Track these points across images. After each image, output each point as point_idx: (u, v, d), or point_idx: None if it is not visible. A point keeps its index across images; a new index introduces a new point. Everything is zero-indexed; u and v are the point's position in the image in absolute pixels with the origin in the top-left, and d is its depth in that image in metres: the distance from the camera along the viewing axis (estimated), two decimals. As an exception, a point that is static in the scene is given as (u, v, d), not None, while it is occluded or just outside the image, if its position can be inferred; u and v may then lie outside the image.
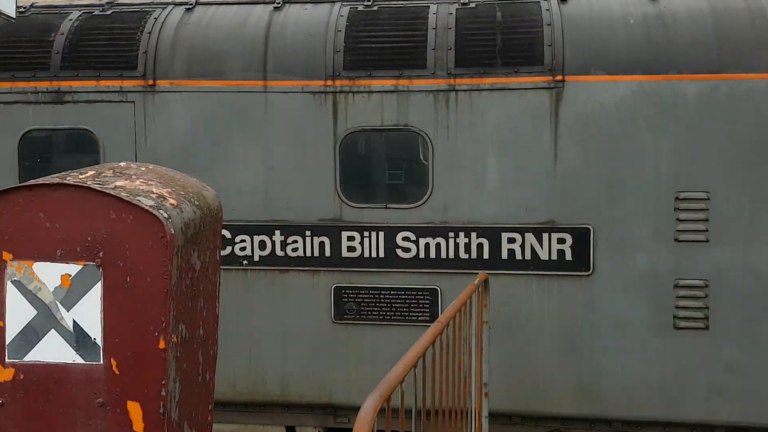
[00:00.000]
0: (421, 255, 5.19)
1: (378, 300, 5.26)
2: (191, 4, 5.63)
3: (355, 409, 5.08)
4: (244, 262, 5.35)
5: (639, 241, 5.02)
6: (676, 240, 4.98)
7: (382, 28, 5.29)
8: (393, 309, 5.24)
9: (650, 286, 5.02)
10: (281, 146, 5.28)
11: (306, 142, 5.25)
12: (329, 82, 5.21)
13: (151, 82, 5.34)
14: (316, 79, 5.23)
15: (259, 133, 5.29)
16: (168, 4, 5.70)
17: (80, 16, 5.61)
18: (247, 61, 5.30)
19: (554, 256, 5.08)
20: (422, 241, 5.18)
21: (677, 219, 4.97)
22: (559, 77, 5.01)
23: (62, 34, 5.50)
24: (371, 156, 5.34)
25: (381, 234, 5.22)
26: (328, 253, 5.28)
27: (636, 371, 5.06)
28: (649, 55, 4.98)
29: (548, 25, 5.12)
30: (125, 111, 5.38)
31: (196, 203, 2.62)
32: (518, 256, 5.11)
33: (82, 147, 5.48)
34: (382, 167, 5.36)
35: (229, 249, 5.35)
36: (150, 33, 5.44)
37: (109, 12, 5.64)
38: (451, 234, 5.15)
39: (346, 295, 5.29)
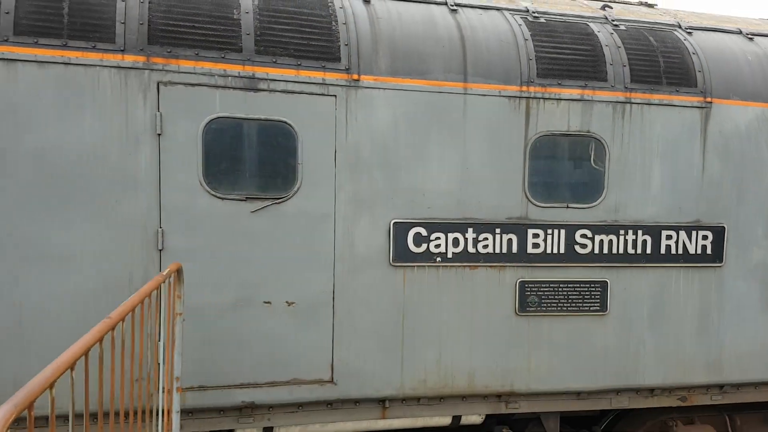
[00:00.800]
0: (596, 251, 6.03)
1: (557, 293, 5.99)
2: (367, -4, 5.77)
3: (533, 395, 5.79)
4: (438, 259, 5.71)
5: (756, 237, 6.41)
6: (781, 236, 6.47)
7: (564, 40, 5.98)
8: (569, 300, 6.02)
9: (761, 273, 6.44)
10: (476, 147, 5.73)
11: (499, 144, 5.77)
12: (524, 88, 5.78)
13: (355, 76, 5.42)
14: (512, 84, 5.77)
15: (456, 134, 5.67)
16: (340, -9, 5.76)
17: (254, -6, 5.43)
18: (448, 63, 5.64)
19: (699, 251, 6.26)
20: (597, 238, 6.03)
21: (782, 220, 6.46)
22: (709, 99, 6.18)
23: (247, 12, 5.30)
24: (555, 159, 6.00)
25: (562, 231, 5.95)
26: (514, 249, 5.87)
27: (747, 342, 6.47)
28: (766, 87, 6.35)
29: (694, 53, 6.25)
30: (326, 104, 5.39)
31: None
32: (673, 251, 6.20)
33: (278, 140, 5.36)
34: (564, 169, 6.05)
35: (424, 246, 5.68)
36: (346, 24, 5.50)
37: (283, -7, 5.54)
38: (622, 231, 6.07)
39: (529, 289, 5.93)
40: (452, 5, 5.98)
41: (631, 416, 6.96)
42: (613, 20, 6.37)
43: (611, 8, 6.74)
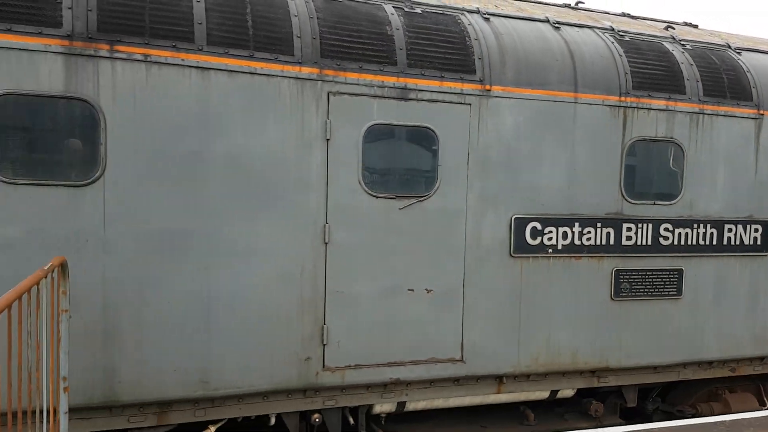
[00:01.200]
0: (675, 242, 7.08)
1: (644, 279, 7.00)
2: (486, 15, 6.55)
3: (621, 370, 6.78)
4: (550, 250, 6.59)
5: (794, 230, 7.66)
6: (812, 229, 7.73)
7: (649, 57, 6.97)
8: (653, 286, 7.04)
9: None
10: (582, 151, 6.64)
11: (601, 147, 6.71)
12: (622, 98, 6.73)
13: (487, 87, 6.22)
14: (613, 94, 6.71)
15: (566, 139, 6.57)
16: (461, 10, 6.52)
17: (396, 11, 6.12)
18: (562, 75, 6.52)
19: (751, 242, 7.42)
20: (676, 231, 7.08)
21: (813, 215, 7.72)
22: (761, 111, 7.34)
23: (398, 29, 5.99)
24: (645, 161, 6.98)
25: (650, 225, 6.96)
26: (611, 241, 6.83)
27: None
28: None
29: (748, 71, 7.38)
30: (462, 112, 6.16)
31: None
32: (732, 242, 7.34)
33: (422, 144, 6.09)
34: (652, 170, 7.05)
35: (539, 239, 6.55)
36: (477, 39, 6.27)
37: (418, 11, 6.25)
38: (695, 225, 7.14)
39: (622, 277, 6.91)
40: (554, 23, 6.86)
41: (681, 387, 8.07)
42: (680, 40, 7.42)
43: (674, 29, 7.80)
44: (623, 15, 8.11)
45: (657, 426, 6.79)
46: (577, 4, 7.94)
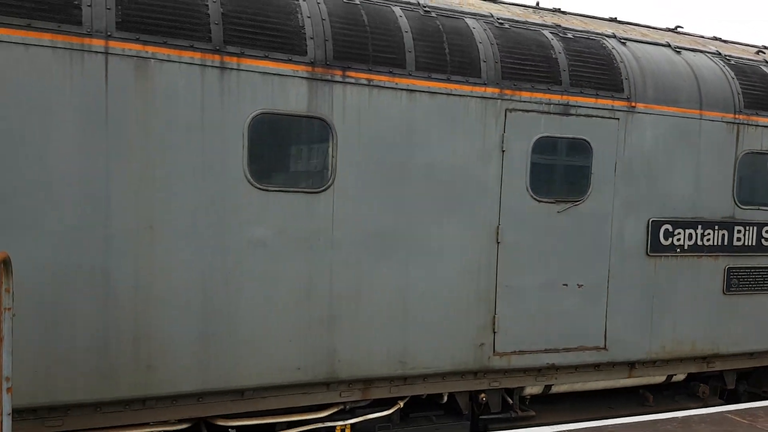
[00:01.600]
0: (774, 243, 8.12)
1: (748, 276, 8.00)
2: (622, 39, 7.49)
3: (727, 356, 7.83)
4: (678, 250, 7.56)
5: None
6: None
7: (754, 80, 7.99)
8: (755, 281, 8.05)
9: None
10: (705, 161, 7.62)
11: (719, 159, 7.70)
12: (736, 116, 7.71)
13: (633, 104, 7.15)
14: (729, 112, 7.70)
15: (693, 151, 7.54)
16: (601, 35, 7.44)
17: (554, 36, 7.02)
18: (689, 94, 7.49)
19: (834, 241, 8.48)
20: (775, 233, 8.11)
21: None
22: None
23: (560, 53, 6.90)
24: (752, 171, 7.98)
25: (755, 228, 7.96)
26: (725, 242, 7.82)
27: None
28: None
29: None
30: (611, 126, 7.09)
31: None
32: (818, 241, 8.38)
33: (578, 154, 7.01)
34: (756, 179, 8.06)
35: (670, 240, 7.51)
36: (623, 62, 7.20)
37: (570, 36, 7.15)
38: (790, 227, 8.18)
39: (732, 274, 7.90)
40: (675, 48, 7.81)
41: (760, 371, 9.08)
42: (775, 62, 8.43)
43: (764, 53, 8.80)
44: (715, 39, 9.09)
45: (614, 422, 7.35)
46: (676, 28, 8.90)
